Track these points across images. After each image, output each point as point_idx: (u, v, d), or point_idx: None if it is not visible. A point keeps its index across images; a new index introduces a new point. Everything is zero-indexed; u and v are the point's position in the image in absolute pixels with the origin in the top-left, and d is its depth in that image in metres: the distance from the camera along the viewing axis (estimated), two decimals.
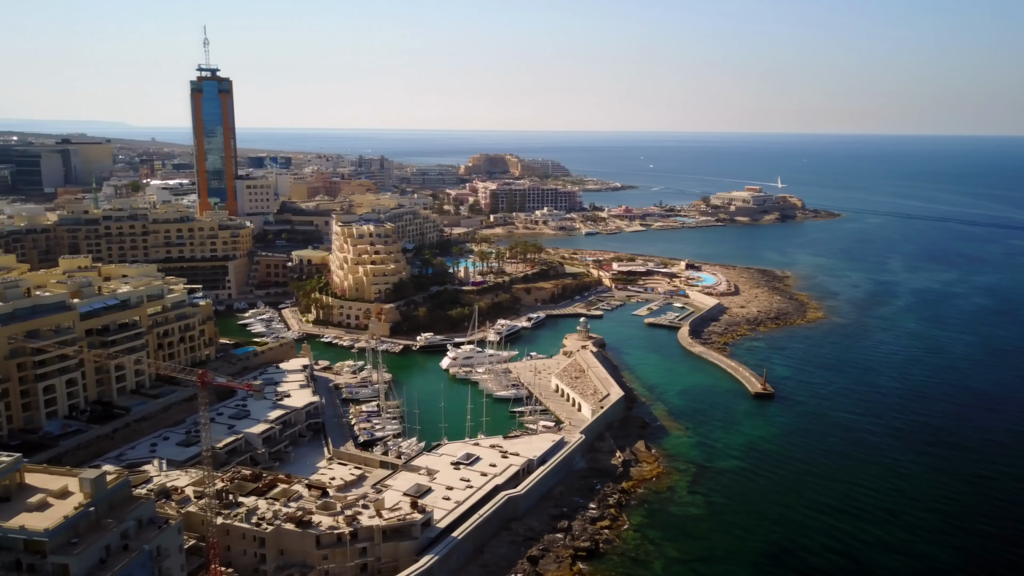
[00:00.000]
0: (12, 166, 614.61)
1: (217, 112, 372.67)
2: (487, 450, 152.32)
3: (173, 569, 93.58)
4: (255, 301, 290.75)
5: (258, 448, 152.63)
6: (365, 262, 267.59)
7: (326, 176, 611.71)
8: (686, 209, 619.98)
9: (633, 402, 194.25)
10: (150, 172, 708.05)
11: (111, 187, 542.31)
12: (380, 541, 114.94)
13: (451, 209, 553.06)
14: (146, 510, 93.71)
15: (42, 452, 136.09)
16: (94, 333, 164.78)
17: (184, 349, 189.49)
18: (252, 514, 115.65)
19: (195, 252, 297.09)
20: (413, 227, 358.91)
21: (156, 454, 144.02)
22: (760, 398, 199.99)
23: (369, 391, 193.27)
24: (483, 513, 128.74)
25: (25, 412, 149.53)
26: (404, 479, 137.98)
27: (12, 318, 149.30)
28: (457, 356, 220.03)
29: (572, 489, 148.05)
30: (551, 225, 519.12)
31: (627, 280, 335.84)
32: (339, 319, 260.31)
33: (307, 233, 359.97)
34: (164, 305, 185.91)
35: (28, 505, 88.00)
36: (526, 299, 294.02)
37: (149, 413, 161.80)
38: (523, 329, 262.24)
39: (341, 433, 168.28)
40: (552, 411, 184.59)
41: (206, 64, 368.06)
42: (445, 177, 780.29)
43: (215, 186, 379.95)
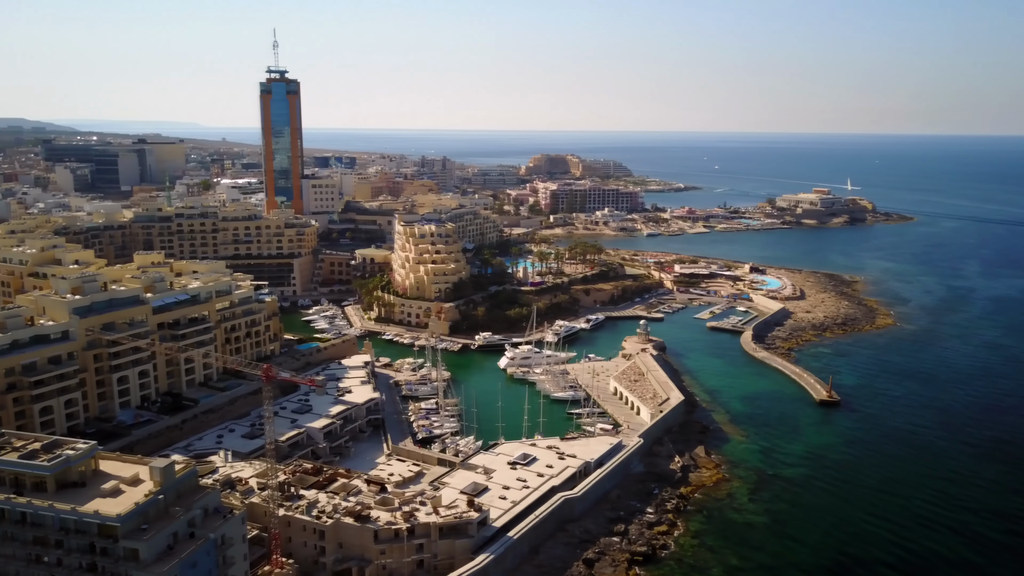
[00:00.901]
0: (92, 165, 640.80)
1: (285, 113, 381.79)
2: (544, 451, 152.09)
3: (236, 558, 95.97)
4: (319, 298, 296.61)
5: (319, 442, 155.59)
6: (426, 261, 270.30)
7: (389, 176, 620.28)
8: (751, 211, 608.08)
9: (693, 407, 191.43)
10: (220, 171, 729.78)
11: (183, 185, 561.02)
12: (436, 538, 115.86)
13: (511, 209, 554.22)
14: (212, 500, 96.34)
15: (115, 440, 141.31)
16: (166, 327, 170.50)
17: (250, 344, 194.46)
18: (312, 507, 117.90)
19: (262, 250, 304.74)
20: (473, 227, 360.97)
21: (222, 445, 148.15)
22: (825, 406, 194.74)
23: (428, 389, 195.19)
24: (539, 514, 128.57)
25: (100, 401, 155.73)
26: (461, 477, 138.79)
27: (90, 311, 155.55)
28: (515, 356, 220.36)
29: (629, 493, 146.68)
30: (612, 226, 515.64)
31: (689, 283, 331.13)
32: (400, 317, 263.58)
33: (370, 232, 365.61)
34: (232, 301, 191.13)
35: (102, 491, 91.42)
36: (585, 300, 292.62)
37: (216, 405, 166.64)
38: (581, 330, 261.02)
39: (400, 430, 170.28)
40: (610, 414, 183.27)
41: (275, 66, 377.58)
42: (506, 177, 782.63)
43: (282, 185, 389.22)
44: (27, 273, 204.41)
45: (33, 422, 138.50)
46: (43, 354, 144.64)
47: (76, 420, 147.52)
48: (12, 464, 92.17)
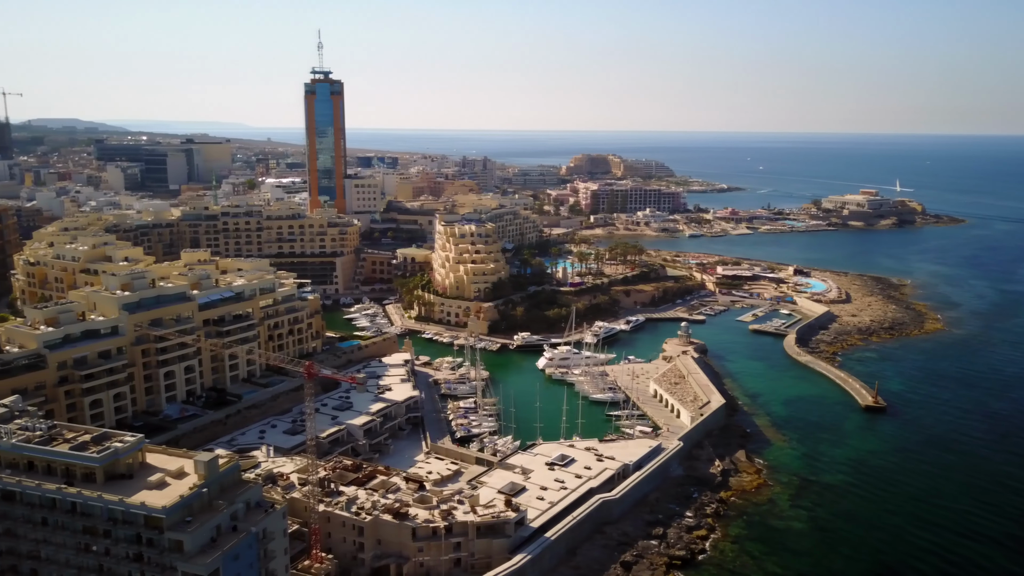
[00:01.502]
0: (142, 164, 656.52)
1: (329, 113, 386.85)
2: (582, 452, 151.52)
3: (277, 551, 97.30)
4: (360, 297, 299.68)
5: (359, 439, 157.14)
6: (466, 261, 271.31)
7: (431, 176, 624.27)
8: (795, 212, 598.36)
9: (734, 410, 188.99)
10: (265, 171, 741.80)
11: (230, 185, 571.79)
12: (474, 537, 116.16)
13: (551, 209, 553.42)
14: (254, 494, 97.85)
15: (162, 434, 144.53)
16: (211, 323, 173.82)
17: (293, 341, 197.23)
18: (352, 503, 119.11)
19: (305, 248, 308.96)
20: (513, 227, 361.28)
21: (264, 440, 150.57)
22: (871, 411, 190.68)
23: (467, 388, 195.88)
24: (577, 515, 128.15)
25: (148, 396, 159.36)
26: (499, 477, 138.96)
27: (138, 307, 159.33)
28: (553, 357, 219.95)
29: (668, 496, 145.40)
30: (653, 226, 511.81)
31: (732, 285, 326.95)
32: (440, 316, 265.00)
33: (411, 232, 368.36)
34: (275, 298, 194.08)
35: (148, 483, 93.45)
36: (625, 301, 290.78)
37: (259, 401, 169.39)
38: (621, 332, 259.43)
39: (439, 428, 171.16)
40: (649, 416, 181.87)
41: (319, 67, 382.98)
42: (546, 177, 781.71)
43: (325, 185, 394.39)
44: (79, 269, 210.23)
45: (83, 415, 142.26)
46: (93, 348, 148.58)
47: (124, 413, 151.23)
48: (63, 455, 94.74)
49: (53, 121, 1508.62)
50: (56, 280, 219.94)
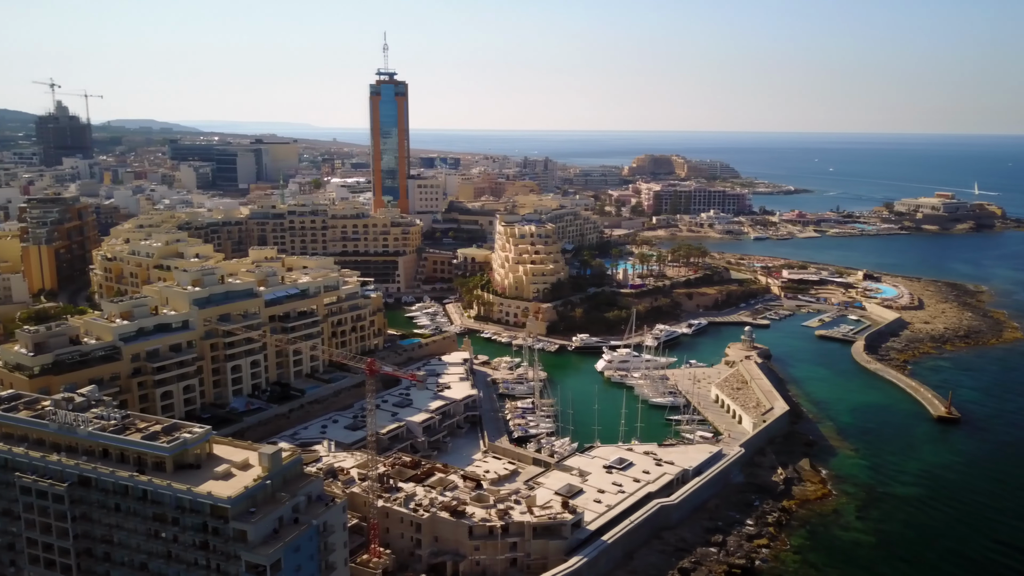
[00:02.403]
0: (213, 164, 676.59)
1: (393, 114, 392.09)
2: (641, 456, 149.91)
3: (337, 545, 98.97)
4: (421, 295, 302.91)
5: (418, 436, 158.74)
6: (525, 261, 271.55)
7: (492, 177, 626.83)
8: (866, 215, 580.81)
9: (799, 417, 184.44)
10: (331, 171, 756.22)
11: (296, 184, 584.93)
12: (530, 537, 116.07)
13: (612, 210, 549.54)
14: (315, 487, 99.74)
15: (228, 426, 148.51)
16: (276, 319, 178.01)
17: (355, 338, 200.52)
18: (410, 500, 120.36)
19: (368, 247, 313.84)
20: (574, 228, 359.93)
21: (326, 435, 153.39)
22: (943, 422, 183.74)
23: (525, 388, 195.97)
24: (634, 519, 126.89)
25: (215, 388, 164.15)
26: (556, 478, 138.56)
27: (208, 302, 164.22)
28: (613, 359, 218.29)
29: (728, 503, 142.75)
30: (717, 228, 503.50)
31: (798, 289, 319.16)
32: (498, 316, 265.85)
33: (472, 232, 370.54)
34: (339, 296, 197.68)
35: (215, 474, 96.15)
36: (687, 304, 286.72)
37: (321, 396, 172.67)
38: (683, 335, 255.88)
39: (496, 427, 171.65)
40: (710, 422, 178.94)
41: (384, 68, 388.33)
42: (608, 178, 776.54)
43: (389, 185, 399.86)
44: (153, 265, 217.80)
45: (155, 405, 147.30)
46: (165, 342, 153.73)
47: (193, 405, 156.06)
48: (135, 444, 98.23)
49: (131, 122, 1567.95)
50: (131, 275, 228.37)
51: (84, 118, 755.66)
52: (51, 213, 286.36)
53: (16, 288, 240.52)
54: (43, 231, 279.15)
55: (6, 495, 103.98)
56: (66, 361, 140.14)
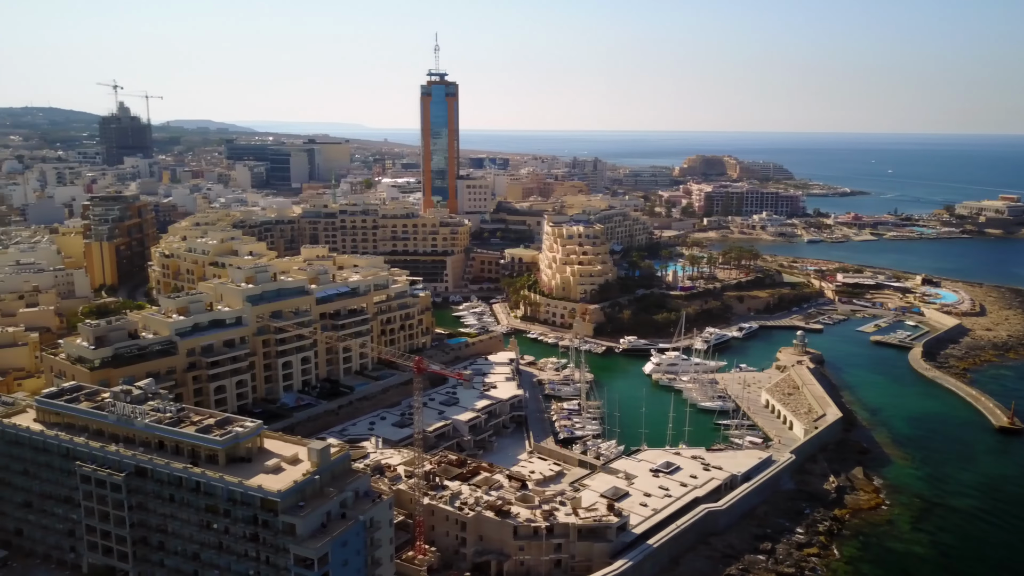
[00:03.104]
0: (267, 163, 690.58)
1: (443, 115, 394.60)
2: (688, 460, 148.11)
3: (383, 541, 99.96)
4: (469, 295, 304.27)
5: (464, 435, 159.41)
6: (573, 262, 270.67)
7: (540, 177, 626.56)
8: (925, 218, 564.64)
9: (852, 425, 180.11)
10: (382, 170, 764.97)
11: (348, 184, 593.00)
12: (575, 539, 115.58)
13: (662, 211, 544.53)
14: (362, 483, 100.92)
15: (278, 421, 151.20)
16: (327, 317, 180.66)
17: (403, 336, 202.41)
18: (456, 498, 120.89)
19: (418, 246, 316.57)
20: (622, 229, 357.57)
21: (373, 432, 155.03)
22: (1005, 433, 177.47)
23: (571, 389, 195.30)
24: (681, 524, 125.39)
25: (267, 384, 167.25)
26: (602, 480, 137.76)
27: (261, 299, 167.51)
28: (661, 362, 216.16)
29: (778, 510, 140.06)
30: (769, 231, 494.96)
31: (853, 293, 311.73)
32: (545, 316, 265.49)
33: (520, 232, 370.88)
34: (388, 295, 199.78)
35: (265, 467, 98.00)
36: (738, 307, 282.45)
37: (370, 393, 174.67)
38: (733, 339, 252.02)
39: (542, 428, 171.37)
40: (760, 427, 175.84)
41: (435, 69, 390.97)
42: (658, 179, 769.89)
43: (438, 185, 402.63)
44: (208, 262, 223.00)
45: (208, 399, 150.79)
46: (219, 337, 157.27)
47: (245, 400, 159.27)
48: (190, 436, 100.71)
49: (189, 122, 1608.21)
50: (187, 272, 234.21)
51: (145, 119, 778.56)
52: (112, 211, 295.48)
53: (79, 283, 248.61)
54: (105, 228, 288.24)
55: (67, 483, 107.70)
56: (125, 355, 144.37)
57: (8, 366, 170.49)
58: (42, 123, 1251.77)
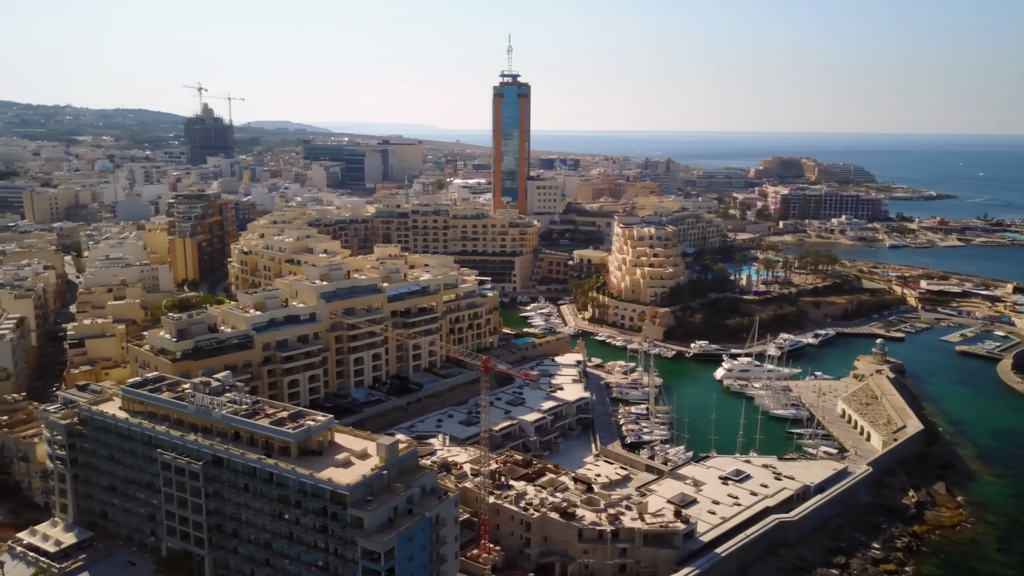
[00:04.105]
0: (343, 164, 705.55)
1: (515, 116, 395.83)
2: (759, 469, 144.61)
3: (448, 538, 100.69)
4: (536, 296, 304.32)
5: (530, 435, 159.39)
6: (643, 264, 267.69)
7: (611, 178, 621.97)
8: (1018, 224, 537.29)
9: (934, 438, 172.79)
10: (453, 171, 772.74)
11: (420, 184, 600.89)
12: (640, 544, 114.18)
13: (737, 214, 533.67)
14: (429, 480, 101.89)
15: (349, 416, 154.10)
16: (398, 314, 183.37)
17: (471, 335, 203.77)
18: (521, 498, 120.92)
19: (487, 247, 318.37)
20: (695, 231, 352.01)
21: (441, 429, 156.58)
22: None
23: (639, 393, 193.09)
24: (750, 533, 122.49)
25: (338, 379, 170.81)
26: (669, 486, 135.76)
27: (335, 296, 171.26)
28: (733, 368, 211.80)
29: (853, 524, 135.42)
30: (849, 235, 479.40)
31: (937, 301, 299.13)
32: (614, 319, 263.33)
33: (589, 233, 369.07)
34: (457, 294, 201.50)
35: (335, 461, 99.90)
36: (814, 314, 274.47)
37: (438, 391, 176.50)
38: (808, 346, 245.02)
39: (609, 431, 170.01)
40: (835, 437, 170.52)
41: (508, 70, 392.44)
42: (733, 180, 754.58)
43: (508, 186, 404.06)
44: (285, 259, 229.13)
45: (282, 393, 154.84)
46: (294, 333, 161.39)
47: (317, 394, 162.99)
48: (264, 428, 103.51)
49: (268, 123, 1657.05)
50: (265, 268, 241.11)
51: (227, 120, 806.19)
52: (195, 209, 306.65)
53: (163, 278, 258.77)
54: (188, 225, 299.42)
55: (149, 469, 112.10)
56: (204, 347, 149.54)
57: (97, 356, 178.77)
58: (132, 124, 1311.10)
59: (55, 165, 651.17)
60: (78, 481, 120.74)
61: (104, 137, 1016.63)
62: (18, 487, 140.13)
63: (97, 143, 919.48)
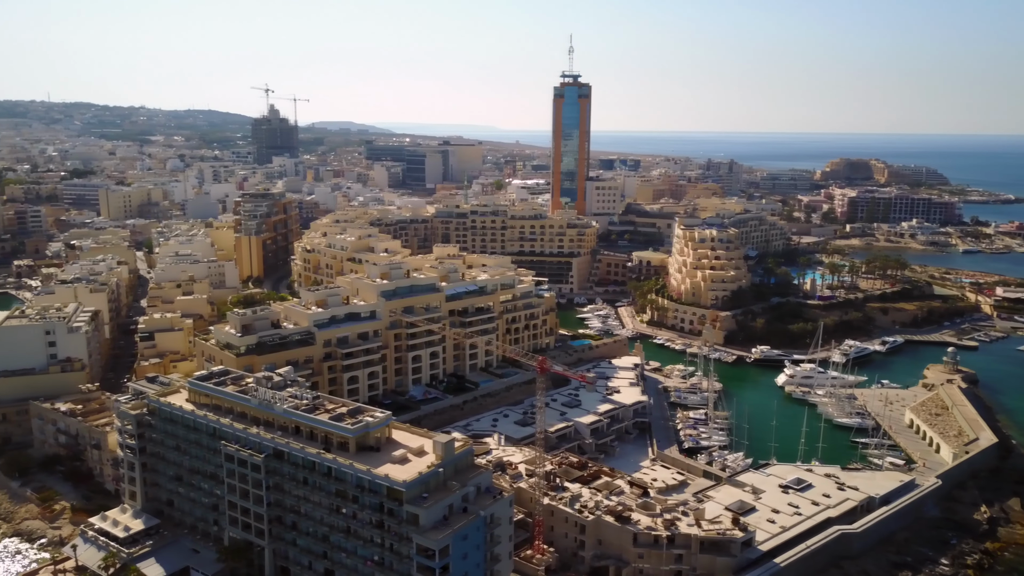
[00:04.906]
0: (404, 164, 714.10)
1: (575, 116, 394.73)
2: (821, 478, 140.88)
3: (502, 537, 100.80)
4: (594, 297, 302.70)
5: (586, 438, 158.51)
6: (704, 267, 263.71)
7: (672, 179, 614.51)
8: None
9: (1008, 452, 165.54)
10: (512, 172, 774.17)
11: (479, 185, 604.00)
12: (697, 551, 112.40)
13: (801, 216, 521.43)
14: (484, 479, 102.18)
15: (406, 413, 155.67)
16: (455, 314, 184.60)
17: (528, 336, 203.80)
18: (575, 500, 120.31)
19: (545, 247, 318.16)
20: (758, 234, 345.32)
21: (496, 429, 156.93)
22: None
23: (698, 398, 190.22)
24: (811, 544, 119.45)
25: (396, 376, 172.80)
26: (727, 493, 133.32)
27: (394, 295, 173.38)
28: (795, 374, 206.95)
29: (920, 538, 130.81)
30: (919, 239, 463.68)
31: (1014, 309, 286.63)
32: (673, 322, 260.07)
33: (648, 235, 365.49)
34: (514, 294, 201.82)
35: (392, 457, 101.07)
36: (881, 320, 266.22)
37: (494, 391, 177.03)
38: (875, 353, 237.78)
39: (666, 436, 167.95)
40: (902, 448, 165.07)
41: (569, 71, 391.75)
42: (797, 182, 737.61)
43: (567, 186, 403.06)
44: (346, 258, 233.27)
45: (341, 389, 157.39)
46: (354, 330, 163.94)
47: (376, 391, 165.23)
48: (324, 423, 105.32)
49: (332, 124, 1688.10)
50: (327, 266, 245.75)
51: (292, 120, 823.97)
52: (261, 207, 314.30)
53: (229, 274, 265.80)
54: (253, 223, 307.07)
55: (213, 460, 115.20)
56: (268, 343, 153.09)
57: (166, 349, 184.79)
58: (202, 125, 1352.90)
59: (129, 164, 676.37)
60: (146, 470, 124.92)
61: (175, 137, 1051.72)
62: (91, 473, 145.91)
63: (169, 143, 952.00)
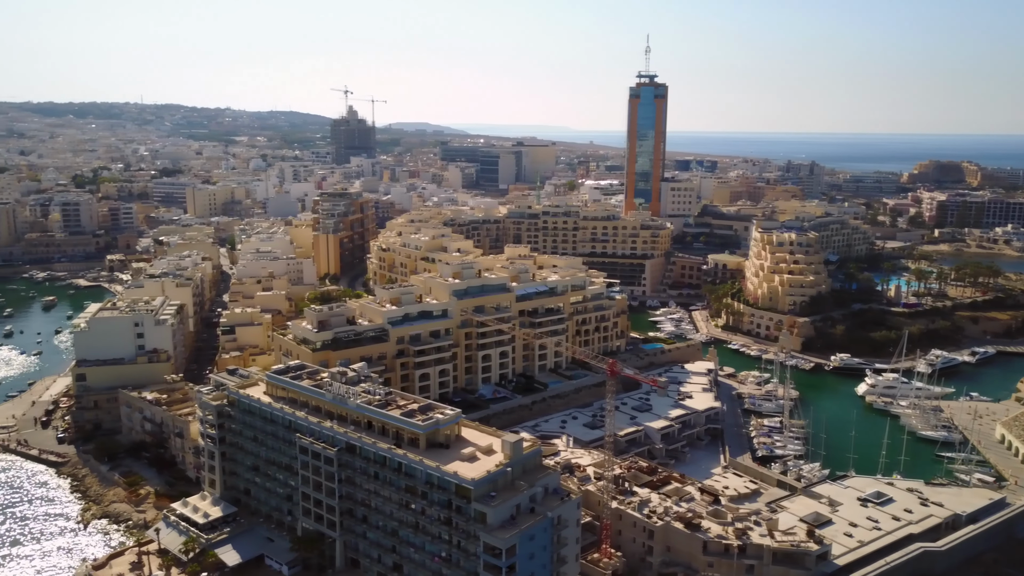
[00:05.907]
0: (478, 165, 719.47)
1: (651, 116, 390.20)
2: (902, 493, 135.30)
3: (569, 540, 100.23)
4: (667, 300, 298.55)
5: (656, 443, 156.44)
6: (782, 271, 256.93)
7: (750, 180, 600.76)
8: None
9: None
10: (585, 173, 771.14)
11: (552, 185, 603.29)
12: (769, 562, 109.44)
13: (886, 220, 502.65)
14: (552, 480, 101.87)
15: (475, 411, 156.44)
16: (525, 314, 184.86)
17: (598, 338, 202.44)
18: (644, 505, 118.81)
19: (617, 249, 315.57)
20: (839, 237, 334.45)
21: (565, 430, 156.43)
22: None
23: (773, 405, 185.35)
24: (891, 560, 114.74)
25: (466, 375, 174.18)
26: (802, 504, 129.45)
27: (466, 294, 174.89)
28: (877, 384, 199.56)
29: (1011, 560, 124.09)
30: (1015, 245, 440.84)
31: None
32: (748, 327, 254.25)
33: (725, 237, 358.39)
34: (585, 295, 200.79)
35: (461, 455, 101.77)
36: (971, 330, 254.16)
37: (563, 392, 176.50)
38: (964, 364, 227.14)
39: (739, 443, 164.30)
40: (992, 464, 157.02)
41: (645, 71, 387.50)
42: (883, 185, 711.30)
43: (641, 187, 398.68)
44: (420, 257, 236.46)
45: (413, 385, 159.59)
46: (426, 328, 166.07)
47: (446, 389, 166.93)
48: (395, 419, 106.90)
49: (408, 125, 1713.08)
50: (401, 265, 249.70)
51: (370, 121, 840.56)
52: (338, 206, 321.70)
53: (307, 271, 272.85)
54: (331, 222, 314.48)
55: (288, 452, 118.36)
56: (343, 339, 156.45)
57: (246, 343, 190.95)
58: (283, 125, 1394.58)
59: (214, 164, 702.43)
60: (225, 459, 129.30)
61: (258, 138, 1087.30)
62: (173, 460, 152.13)
63: (252, 143, 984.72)
